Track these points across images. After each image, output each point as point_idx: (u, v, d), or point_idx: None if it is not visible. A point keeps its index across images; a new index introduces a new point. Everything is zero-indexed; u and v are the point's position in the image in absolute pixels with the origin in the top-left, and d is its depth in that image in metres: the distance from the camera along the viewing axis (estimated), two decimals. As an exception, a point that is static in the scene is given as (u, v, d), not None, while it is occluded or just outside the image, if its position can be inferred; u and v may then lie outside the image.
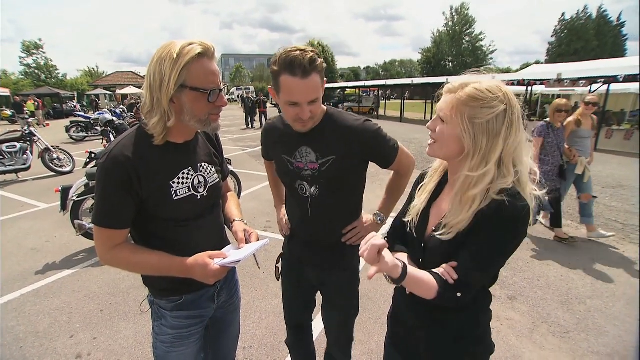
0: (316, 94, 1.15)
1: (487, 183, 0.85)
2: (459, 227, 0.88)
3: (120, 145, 1.01)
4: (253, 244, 1.14)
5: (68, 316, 2.65)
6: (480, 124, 0.84)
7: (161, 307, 1.18)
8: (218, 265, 1.02)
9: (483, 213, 0.85)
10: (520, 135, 0.87)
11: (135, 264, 1.06)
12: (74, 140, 11.96)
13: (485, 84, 0.87)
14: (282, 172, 1.41)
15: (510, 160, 0.86)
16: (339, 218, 1.39)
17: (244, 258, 1.04)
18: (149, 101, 1.00)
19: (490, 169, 0.84)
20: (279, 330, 2.49)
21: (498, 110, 0.83)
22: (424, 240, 1.00)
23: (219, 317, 1.33)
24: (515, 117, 0.86)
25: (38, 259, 3.55)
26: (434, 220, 1.00)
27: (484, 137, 0.84)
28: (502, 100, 0.84)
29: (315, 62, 1.11)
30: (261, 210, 5.02)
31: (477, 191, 0.85)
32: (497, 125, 0.84)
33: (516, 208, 0.82)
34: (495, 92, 0.85)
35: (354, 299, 1.51)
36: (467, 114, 0.85)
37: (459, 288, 0.86)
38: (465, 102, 0.85)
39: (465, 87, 0.87)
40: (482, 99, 0.84)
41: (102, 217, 1.01)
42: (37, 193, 5.89)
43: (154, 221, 1.08)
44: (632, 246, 3.86)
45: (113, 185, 0.99)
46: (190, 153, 1.14)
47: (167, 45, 0.98)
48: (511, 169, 0.86)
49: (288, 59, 1.09)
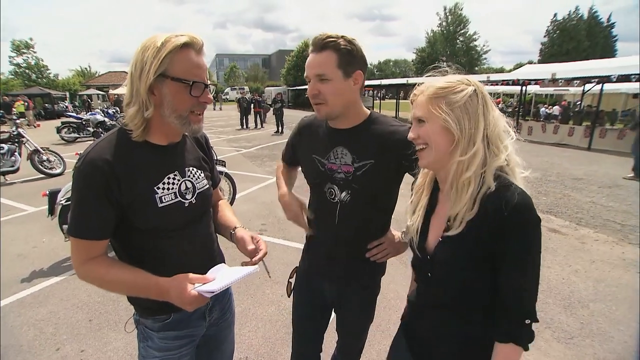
0: (323, 69, 1.09)
1: (478, 162, 0.85)
2: (464, 216, 0.85)
3: (98, 147, 0.92)
4: (239, 269, 1.01)
5: (54, 327, 2.52)
6: (459, 107, 0.86)
7: (147, 327, 1.08)
8: (196, 292, 0.91)
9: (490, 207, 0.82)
10: (497, 112, 0.90)
11: (109, 282, 0.96)
12: (65, 141, 11.72)
13: (447, 77, 0.91)
14: (310, 174, 1.30)
15: (497, 138, 0.87)
16: (367, 229, 1.27)
17: (224, 286, 0.91)
18: (128, 92, 0.93)
19: (478, 148, 0.85)
20: (275, 339, 2.41)
21: (469, 90, 0.86)
22: (430, 253, 0.96)
23: (211, 335, 1.23)
24: (485, 95, 0.88)
25: (24, 266, 3.41)
26: (435, 231, 0.96)
27: (465, 119, 0.85)
28: (467, 84, 0.88)
29: (331, 39, 1.07)
30: (256, 212, 4.92)
31: (470, 173, 0.85)
32: (473, 104, 0.86)
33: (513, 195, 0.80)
34: (458, 79, 0.89)
35: (370, 320, 1.42)
36: (444, 102, 0.87)
37: (520, 317, 0.83)
38: (438, 94, 0.88)
39: (429, 85, 0.90)
40: (451, 86, 0.87)
41: (78, 227, 0.92)
42: (25, 196, 5.72)
43: (137, 231, 0.98)
44: (631, 247, 3.84)
45: (90, 191, 0.90)
46: (176, 156, 1.05)
47: (153, 36, 0.92)
48: (500, 147, 0.87)
49: (314, 37, 1.11)
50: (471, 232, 0.84)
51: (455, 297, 0.93)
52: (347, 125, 1.22)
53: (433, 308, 1.00)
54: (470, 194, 0.85)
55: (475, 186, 0.85)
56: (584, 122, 12.43)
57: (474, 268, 0.87)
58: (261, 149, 10.47)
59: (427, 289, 1.02)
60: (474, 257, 0.86)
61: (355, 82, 1.14)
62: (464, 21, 43.29)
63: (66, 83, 36.03)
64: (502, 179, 0.84)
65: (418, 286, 1.10)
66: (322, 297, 1.41)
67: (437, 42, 43.81)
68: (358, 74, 1.14)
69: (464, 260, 0.88)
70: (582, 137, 10.99)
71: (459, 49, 43.44)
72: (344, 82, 1.12)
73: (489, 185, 0.83)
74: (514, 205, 0.79)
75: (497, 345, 0.86)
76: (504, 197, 0.80)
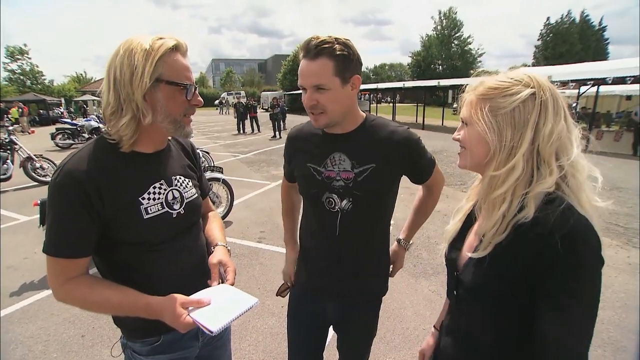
0: (320, 80, 1.02)
1: (516, 181, 0.72)
2: (493, 238, 0.73)
3: (77, 158, 0.86)
4: (238, 299, 0.91)
5: (44, 345, 2.41)
6: (504, 115, 0.73)
7: (135, 352, 1.00)
8: (191, 319, 0.83)
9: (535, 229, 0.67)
10: (562, 124, 0.72)
11: (93, 303, 0.88)
12: (60, 147, 11.56)
13: (508, 72, 0.77)
14: (306, 184, 1.22)
15: (551, 155, 0.71)
16: (369, 238, 1.21)
17: (222, 328, 0.81)
18: (113, 100, 0.85)
19: (517, 163, 0.71)
20: (277, 353, 2.31)
21: (523, 94, 0.71)
22: (459, 268, 0.86)
23: (206, 356, 1.14)
24: (549, 101, 0.71)
25: (14, 278, 3.29)
26: (469, 246, 0.85)
27: (508, 129, 0.72)
28: (527, 84, 0.72)
29: (326, 45, 0.99)
30: (254, 220, 4.82)
31: (503, 190, 0.72)
32: (524, 112, 0.71)
33: (568, 220, 0.63)
34: (518, 77, 0.74)
35: (374, 335, 1.35)
36: (488, 107, 0.74)
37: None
38: (485, 94, 0.76)
39: (481, 82, 0.78)
40: (503, 86, 0.74)
41: (55, 245, 0.84)
42: (17, 205, 5.58)
43: (122, 246, 0.91)
44: (635, 251, 3.78)
45: (68, 206, 0.82)
46: (162, 164, 0.99)
47: (131, 39, 0.86)
48: (554, 166, 0.70)
49: (305, 41, 1.04)
50: (504, 257, 0.72)
51: (482, 321, 0.82)
52: (344, 130, 1.16)
53: (459, 331, 0.90)
54: (501, 214, 0.73)
55: (510, 207, 0.72)
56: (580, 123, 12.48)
57: (504, 296, 0.74)
58: (258, 154, 10.39)
59: (456, 309, 0.92)
60: (505, 284, 0.73)
61: (353, 87, 1.08)
62: (459, 24, 43.73)
63: (61, 89, 35.83)
64: (558, 200, 0.68)
65: (449, 304, 0.99)
66: (323, 318, 1.31)
67: (433, 46, 44.22)
68: (355, 78, 1.07)
69: (489, 287, 0.76)
70: (579, 139, 11.03)
71: (454, 52, 43.85)
72: (342, 89, 1.05)
73: (528, 213, 0.69)
74: (568, 230, 0.63)
75: None
76: (554, 217, 0.64)
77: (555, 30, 38.98)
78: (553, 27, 39.34)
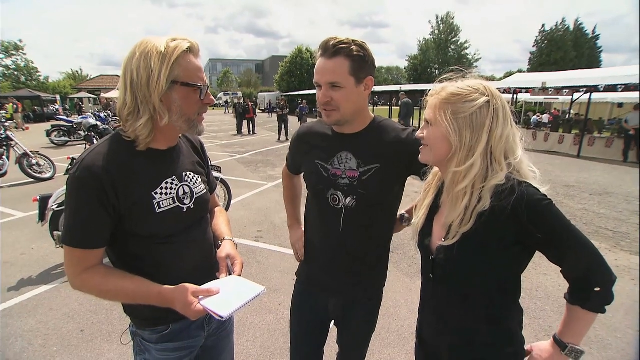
0: (336, 77, 1.07)
1: (475, 176, 0.84)
2: (460, 228, 0.85)
3: (95, 153, 0.90)
4: (245, 287, 0.97)
5: (44, 338, 2.43)
6: (464, 118, 0.84)
7: (144, 339, 1.05)
8: (202, 307, 0.88)
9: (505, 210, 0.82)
10: (509, 128, 0.86)
11: (108, 292, 0.93)
12: (56, 144, 11.48)
13: (466, 81, 0.89)
14: (313, 180, 1.26)
15: (501, 154, 0.85)
16: (372, 235, 1.25)
17: (231, 314, 0.86)
18: (130, 101, 0.90)
19: (476, 161, 0.83)
20: (274, 349, 2.36)
21: (480, 102, 0.84)
22: (432, 253, 0.97)
23: (210, 346, 1.19)
24: (499, 108, 0.85)
25: (12, 274, 3.29)
26: (438, 234, 0.97)
27: (467, 131, 0.84)
28: (483, 93, 0.85)
29: (343, 45, 1.05)
30: (251, 219, 4.86)
31: (464, 184, 0.84)
32: (480, 117, 0.84)
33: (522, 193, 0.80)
34: (475, 86, 0.86)
35: (373, 330, 1.40)
36: (450, 111, 0.85)
37: (591, 283, 0.84)
38: (447, 100, 0.86)
39: (444, 88, 0.89)
40: (463, 94, 0.85)
41: (73, 236, 0.89)
42: (13, 201, 5.56)
43: (134, 239, 0.95)
44: (623, 254, 3.89)
45: (86, 198, 0.87)
46: (173, 161, 1.04)
47: (145, 41, 0.90)
48: (503, 164, 0.84)
49: (324, 40, 1.08)
50: (464, 242, 0.85)
51: (458, 298, 0.95)
52: (353, 130, 1.21)
53: (437, 309, 1.02)
54: (464, 206, 0.84)
55: (471, 199, 0.84)
56: (573, 130, 12.70)
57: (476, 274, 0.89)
58: (255, 154, 10.42)
59: (433, 290, 1.03)
60: (475, 263, 0.87)
61: (366, 87, 1.13)
62: (456, 30, 44.11)
63: (57, 86, 35.50)
64: (511, 180, 0.83)
65: (424, 285, 1.10)
66: (325, 313, 1.37)
67: (430, 50, 44.51)
68: (369, 79, 1.13)
69: (466, 267, 0.89)
70: (571, 145, 11.21)
71: (450, 57, 44.15)
72: (356, 89, 1.11)
73: (485, 203, 0.82)
74: (525, 200, 0.80)
75: (569, 307, 0.88)
76: (515, 197, 0.80)
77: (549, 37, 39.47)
78: (548, 34, 39.83)
